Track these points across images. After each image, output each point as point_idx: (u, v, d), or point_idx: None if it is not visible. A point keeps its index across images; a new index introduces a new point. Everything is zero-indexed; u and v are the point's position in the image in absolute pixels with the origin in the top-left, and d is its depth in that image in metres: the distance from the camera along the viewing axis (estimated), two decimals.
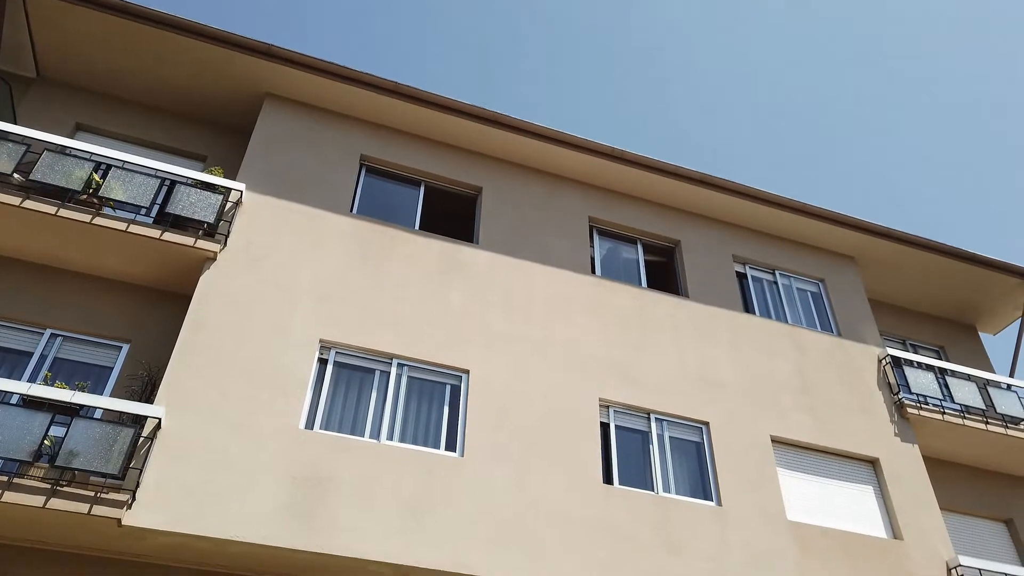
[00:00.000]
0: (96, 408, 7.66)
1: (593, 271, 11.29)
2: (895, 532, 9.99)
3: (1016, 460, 12.08)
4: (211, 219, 8.83)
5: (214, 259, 8.86)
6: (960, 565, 9.68)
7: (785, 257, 12.64)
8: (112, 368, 8.66)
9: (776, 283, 12.38)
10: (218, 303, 8.57)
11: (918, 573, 9.56)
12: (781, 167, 34.33)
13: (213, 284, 8.70)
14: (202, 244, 8.76)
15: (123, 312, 9.02)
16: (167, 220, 8.86)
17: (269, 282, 8.97)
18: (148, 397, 8.22)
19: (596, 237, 11.74)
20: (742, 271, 12.31)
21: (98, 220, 8.48)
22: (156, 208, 8.96)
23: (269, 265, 9.11)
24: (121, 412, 7.35)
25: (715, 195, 12.15)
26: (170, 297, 9.31)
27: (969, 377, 12.02)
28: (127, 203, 8.67)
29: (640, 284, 11.46)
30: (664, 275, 12.08)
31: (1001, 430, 11.52)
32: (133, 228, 8.58)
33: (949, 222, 34.47)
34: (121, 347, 8.83)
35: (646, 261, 12.01)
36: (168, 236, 8.66)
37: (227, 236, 9.05)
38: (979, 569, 9.80)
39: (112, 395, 8.34)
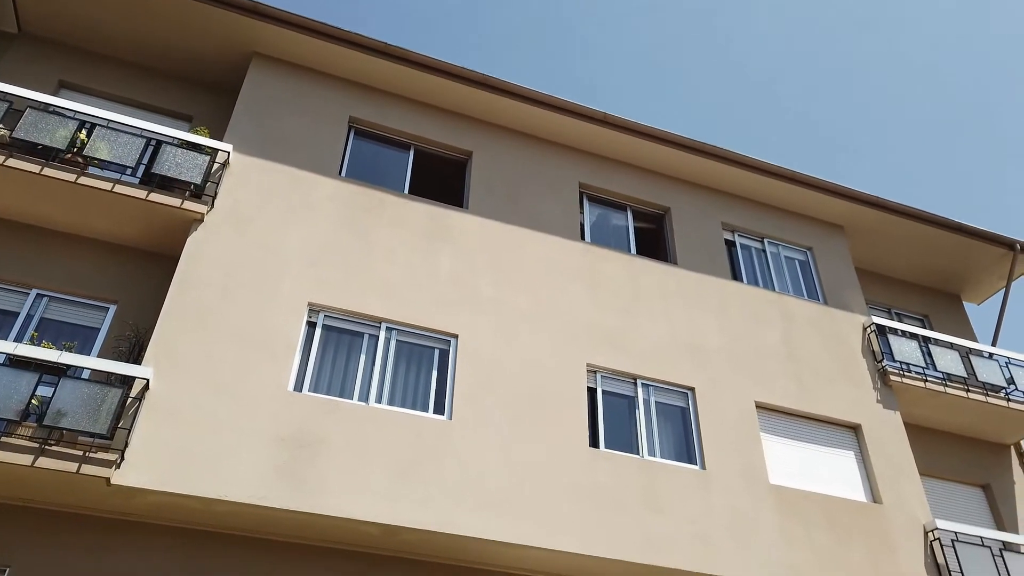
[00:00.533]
0: (84, 368, 7.66)
1: (583, 237, 11.29)
2: (875, 496, 10.19)
3: (995, 427, 12.30)
4: (198, 180, 8.75)
5: (201, 221, 8.80)
6: (937, 528, 9.90)
7: (774, 225, 12.68)
8: (99, 329, 8.63)
9: (764, 251, 12.43)
10: (205, 265, 8.54)
11: (896, 536, 9.78)
12: (770, 137, 34.26)
13: (200, 246, 8.65)
14: (189, 205, 8.70)
15: (110, 273, 8.97)
16: (153, 181, 8.77)
17: (257, 244, 8.93)
18: (136, 358, 8.22)
19: (586, 203, 11.72)
20: (731, 239, 12.35)
21: (83, 180, 8.39)
22: (142, 168, 8.87)
23: (257, 227, 9.06)
24: (109, 373, 7.36)
25: (705, 162, 12.13)
26: (157, 258, 9.26)
27: (952, 346, 12.18)
28: (112, 163, 8.57)
29: (629, 251, 11.48)
30: (653, 242, 12.10)
31: (981, 398, 11.71)
32: (119, 188, 8.49)
33: (936, 193, 34.60)
34: (108, 308, 8.79)
35: (636, 228, 12.02)
36: (154, 197, 8.59)
37: (214, 198, 8.98)
38: (955, 532, 10.03)
39: (99, 356, 8.33)
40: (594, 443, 9.29)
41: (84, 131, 8.64)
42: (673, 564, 8.44)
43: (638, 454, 9.37)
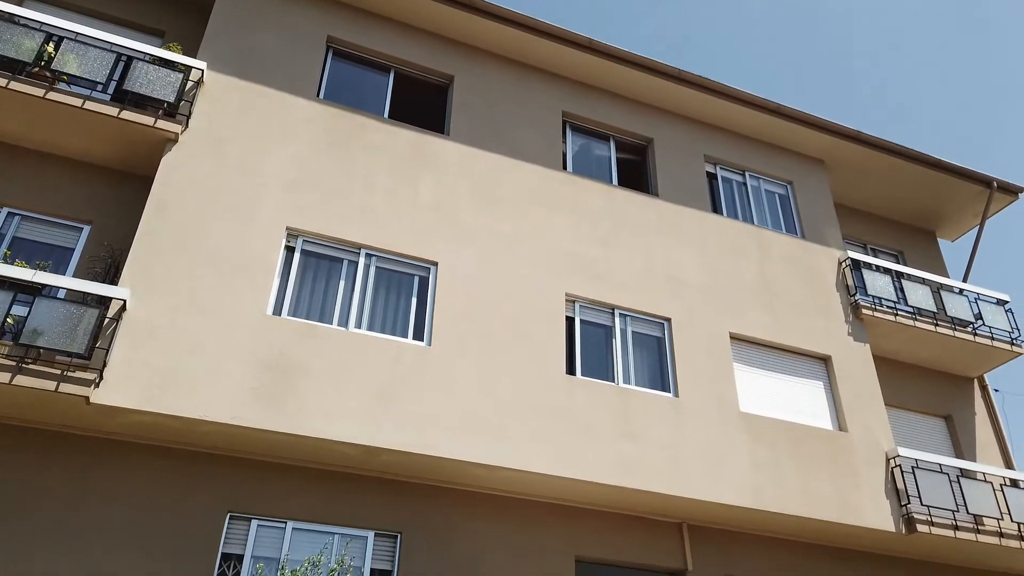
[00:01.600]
0: (59, 288, 7.59)
1: (565, 167, 11.21)
2: (841, 425, 10.52)
3: (960, 361, 12.66)
4: (171, 99, 8.52)
5: (175, 141, 8.61)
6: (898, 455, 10.28)
7: (755, 158, 12.66)
8: (73, 249, 8.52)
9: (745, 184, 12.45)
10: (181, 186, 8.39)
11: (859, 462, 10.14)
12: (759, 72, 33.84)
13: (175, 167, 8.49)
14: (162, 124, 8.49)
15: (83, 193, 8.80)
16: (125, 98, 8.52)
17: (233, 166, 8.77)
18: (112, 279, 8.15)
19: (569, 132, 11.59)
20: (712, 171, 12.33)
21: (52, 95, 8.14)
22: (113, 85, 8.60)
23: (233, 149, 8.89)
24: (85, 293, 7.30)
25: (689, 92, 12.00)
26: (132, 179, 9.08)
27: (924, 281, 12.40)
28: (82, 78, 8.30)
29: (611, 182, 11.44)
30: (635, 173, 12.06)
31: (949, 332, 12.01)
32: (89, 105, 8.25)
33: (915, 132, 34.60)
34: (82, 228, 8.66)
35: (618, 159, 11.95)
36: (126, 115, 8.37)
37: (188, 117, 8.77)
38: (915, 460, 10.42)
39: (74, 277, 8.24)
40: (571, 371, 9.44)
41: (51, 44, 8.33)
42: (645, 487, 8.72)
43: (613, 382, 9.56)
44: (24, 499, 7.05)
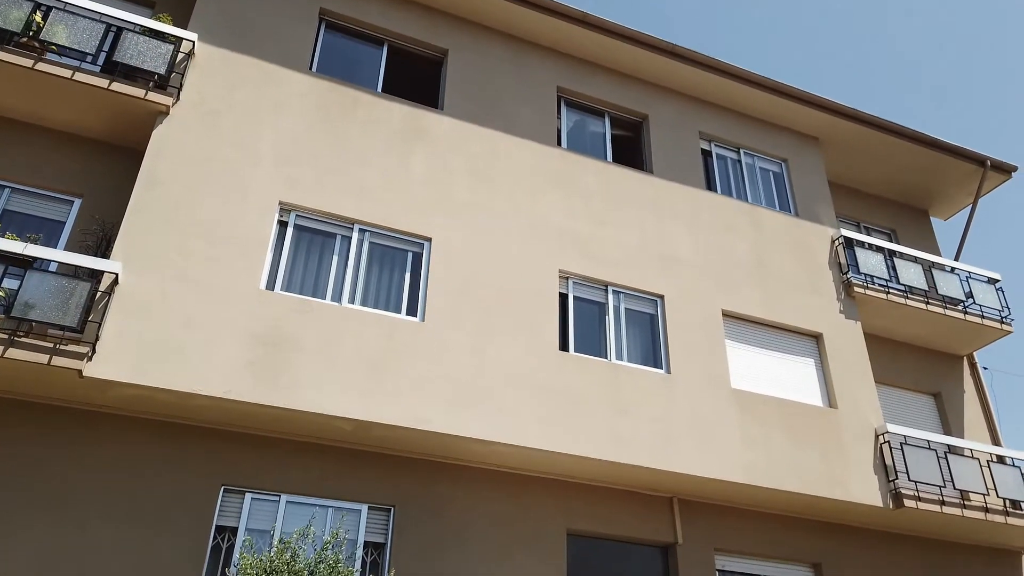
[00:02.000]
0: (51, 261, 7.55)
1: (559, 143, 11.17)
2: (831, 401, 10.61)
3: (950, 339, 12.75)
4: (162, 70, 8.43)
5: (167, 113, 8.53)
6: (887, 432, 10.39)
7: (750, 135, 12.63)
8: (64, 223, 8.46)
9: (740, 162, 12.43)
10: (173, 159, 8.33)
11: (848, 439, 10.24)
12: (755, 50, 33.63)
13: (166, 139, 8.42)
14: (153, 96, 8.40)
15: (74, 165, 8.72)
16: (115, 70, 8.43)
17: (225, 140, 8.71)
18: (103, 253, 8.11)
19: (564, 108, 11.53)
20: (707, 148, 12.30)
21: (41, 66, 8.04)
22: (103, 57, 8.49)
23: (225, 122, 8.81)
24: (76, 266, 7.27)
25: (685, 68, 11.93)
26: (123, 152, 9.00)
27: (916, 259, 12.44)
28: (71, 49, 8.19)
29: (606, 158, 11.40)
30: (630, 150, 12.02)
31: (940, 310, 12.08)
32: (79, 76, 8.16)
33: (909, 110, 34.53)
34: (73, 201, 8.60)
35: (613, 135, 11.90)
36: (117, 86, 8.27)
37: (179, 89, 8.68)
38: (904, 436, 10.53)
39: (65, 250, 8.19)
40: (564, 347, 9.48)
41: (40, 13, 8.21)
42: (636, 461, 8.79)
43: (606, 358, 9.60)
44: (18, 472, 7.07)
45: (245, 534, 7.56)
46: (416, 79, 11.03)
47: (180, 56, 8.82)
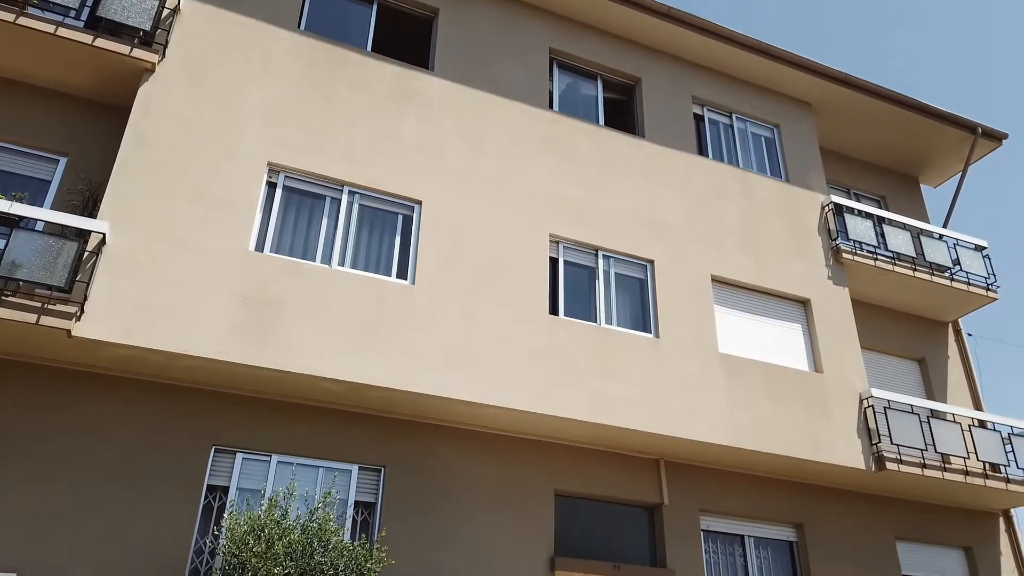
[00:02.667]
0: (37, 220, 7.48)
1: (551, 106, 11.07)
2: (816, 366, 10.73)
3: (936, 305, 12.88)
4: (146, 26, 8.27)
5: (152, 71, 8.39)
6: (871, 396, 10.53)
7: (743, 100, 12.56)
8: (50, 182, 8.36)
9: (732, 127, 12.38)
10: (159, 118, 8.22)
11: (832, 403, 10.39)
12: (749, 14, 33.25)
13: (153, 98, 8.29)
14: (138, 53, 8.25)
15: (59, 123, 8.59)
16: (100, 25, 8.26)
17: (212, 99, 8.58)
18: (90, 212, 8.04)
19: (556, 70, 11.41)
20: (700, 113, 12.23)
21: (23, 20, 7.87)
22: (86, 12, 8.32)
23: (211, 81, 8.68)
24: (63, 226, 7.20)
25: (678, 31, 11.81)
26: (108, 110, 8.87)
27: (904, 226, 12.50)
28: (54, 3, 8.01)
29: (598, 122, 11.33)
30: (622, 114, 11.93)
31: (927, 277, 12.18)
32: (62, 32, 7.99)
33: (902, 77, 34.36)
34: (58, 160, 8.48)
35: (605, 99, 11.81)
36: (101, 43, 8.11)
37: (165, 47, 8.53)
38: (888, 400, 10.69)
39: (51, 209, 8.11)
40: (554, 311, 9.51)
41: None
42: (624, 424, 8.89)
43: (595, 322, 9.65)
44: (9, 432, 7.08)
45: (236, 493, 7.64)
46: (406, 39, 10.87)
47: (165, 12, 8.65)
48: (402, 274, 8.83)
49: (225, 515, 7.28)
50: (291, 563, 6.32)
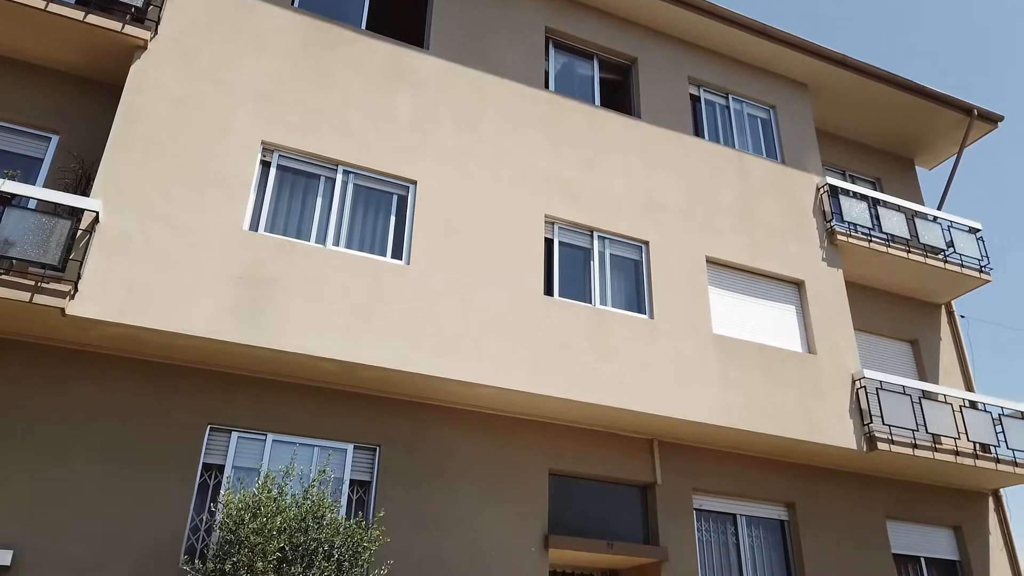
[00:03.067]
0: (30, 198, 7.44)
1: (547, 86, 11.01)
2: (810, 347, 10.78)
3: (929, 287, 12.93)
4: (138, 3, 8.19)
5: (145, 48, 8.31)
6: (864, 377, 10.60)
7: (739, 81, 12.51)
8: (42, 160, 8.30)
9: (728, 108, 12.34)
10: (152, 96, 8.15)
11: (825, 383, 10.45)
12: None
13: (145, 76, 8.21)
14: (130, 30, 8.16)
15: (51, 101, 8.52)
16: (91, 1, 8.17)
17: (205, 76, 8.51)
18: (83, 191, 7.99)
19: (552, 50, 11.34)
20: (696, 94, 12.18)
21: None
22: None
23: (204, 58, 8.60)
24: (56, 204, 7.16)
25: (675, 10, 11.73)
26: (100, 87, 8.80)
27: (899, 208, 12.52)
28: None
29: (593, 102, 11.27)
30: (618, 94, 11.88)
31: (921, 259, 12.21)
32: (53, 7, 7.90)
33: (897, 59, 34.25)
34: (50, 138, 8.42)
35: (601, 79, 11.74)
36: (92, 19, 8.03)
37: (157, 23, 8.44)
38: (880, 381, 10.76)
39: (44, 187, 8.05)
40: (548, 292, 9.52)
41: None
42: (619, 404, 8.94)
43: (590, 303, 9.66)
44: (4, 411, 7.08)
45: (232, 471, 7.67)
46: (401, 16, 10.78)
47: None
48: (397, 254, 8.82)
49: (221, 493, 7.31)
50: (286, 538, 6.36)
